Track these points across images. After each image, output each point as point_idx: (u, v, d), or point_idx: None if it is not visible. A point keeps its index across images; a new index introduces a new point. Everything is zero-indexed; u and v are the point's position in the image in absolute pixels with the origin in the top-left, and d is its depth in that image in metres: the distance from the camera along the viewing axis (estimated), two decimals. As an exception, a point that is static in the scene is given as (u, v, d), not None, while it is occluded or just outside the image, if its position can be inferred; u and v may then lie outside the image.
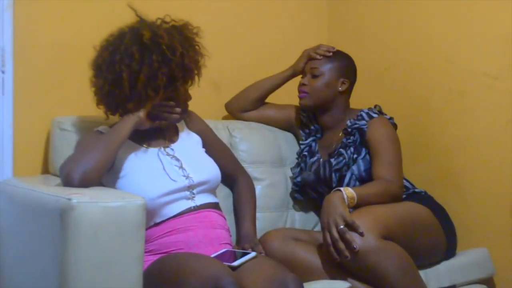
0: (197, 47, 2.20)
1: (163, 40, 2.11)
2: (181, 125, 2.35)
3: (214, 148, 2.40)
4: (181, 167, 2.20)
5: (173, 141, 2.28)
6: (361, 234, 2.14)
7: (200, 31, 2.22)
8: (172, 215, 2.14)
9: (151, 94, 2.10)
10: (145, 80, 2.09)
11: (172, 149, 2.24)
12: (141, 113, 2.13)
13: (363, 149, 2.47)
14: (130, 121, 2.12)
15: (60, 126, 2.31)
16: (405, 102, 2.85)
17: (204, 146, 2.36)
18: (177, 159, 2.22)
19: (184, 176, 2.18)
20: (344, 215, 2.18)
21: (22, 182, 2.17)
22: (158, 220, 2.13)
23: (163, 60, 2.10)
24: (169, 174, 2.16)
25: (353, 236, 2.14)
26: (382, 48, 2.98)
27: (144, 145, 2.22)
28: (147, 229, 2.06)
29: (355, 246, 2.13)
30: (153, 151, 2.21)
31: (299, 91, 2.59)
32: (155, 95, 2.11)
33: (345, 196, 2.23)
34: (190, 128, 2.37)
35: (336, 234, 2.16)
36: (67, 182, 1.99)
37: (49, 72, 2.40)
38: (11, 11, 2.27)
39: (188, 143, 2.31)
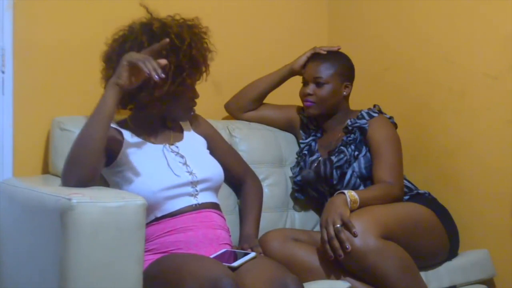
0: (205, 42, 2.23)
1: (171, 30, 2.15)
2: (186, 126, 2.36)
3: (221, 150, 2.41)
4: (185, 163, 2.21)
5: (178, 140, 2.28)
6: (354, 235, 2.14)
7: (209, 30, 2.25)
8: (174, 210, 2.14)
9: (159, 83, 2.08)
10: None
11: (177, 147, 2.25)
12: (117, 79, 1.99)
13: (364, 147, 2.48)
14: (111, 91, 2.00)
15: (60, 126, 2.31)
16: (405, 102, 2.85)
17: (209, 148, 2.37)
18: (182, 156, 2.22)
19: (188, 172, 2.19)
20: (342, 215, 2.18)
21: (22, 182, 2.17)
22: (159, 214, 2.13)
23: (171, 48, 2.12)
24: (173, 169, 2.17)
25: (348, 236, 2.15)
26: (382, 48, 2.98)
27: (149, 142, 2.22)
28: (148, 225, 2.07)
29: (347, 246, 2.13)
30: (158, 147, 2.22)
31: (304, 101, 2.57)
32: (163, 83, 2.11)
33: (348, 199, 2.24)
34: (196, 130, 2.38)
35: (332, 232, 2.17)
36: (64, 184, 2.00)
37: (49, 72, 2.40)
38: (11, 11, 2.27)
39: (192, 143, 2.32)
